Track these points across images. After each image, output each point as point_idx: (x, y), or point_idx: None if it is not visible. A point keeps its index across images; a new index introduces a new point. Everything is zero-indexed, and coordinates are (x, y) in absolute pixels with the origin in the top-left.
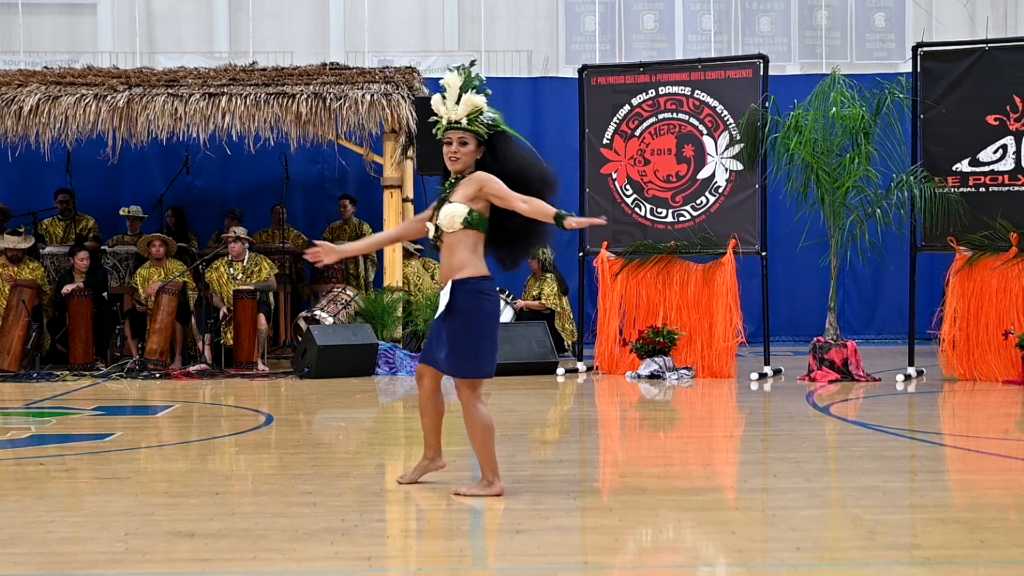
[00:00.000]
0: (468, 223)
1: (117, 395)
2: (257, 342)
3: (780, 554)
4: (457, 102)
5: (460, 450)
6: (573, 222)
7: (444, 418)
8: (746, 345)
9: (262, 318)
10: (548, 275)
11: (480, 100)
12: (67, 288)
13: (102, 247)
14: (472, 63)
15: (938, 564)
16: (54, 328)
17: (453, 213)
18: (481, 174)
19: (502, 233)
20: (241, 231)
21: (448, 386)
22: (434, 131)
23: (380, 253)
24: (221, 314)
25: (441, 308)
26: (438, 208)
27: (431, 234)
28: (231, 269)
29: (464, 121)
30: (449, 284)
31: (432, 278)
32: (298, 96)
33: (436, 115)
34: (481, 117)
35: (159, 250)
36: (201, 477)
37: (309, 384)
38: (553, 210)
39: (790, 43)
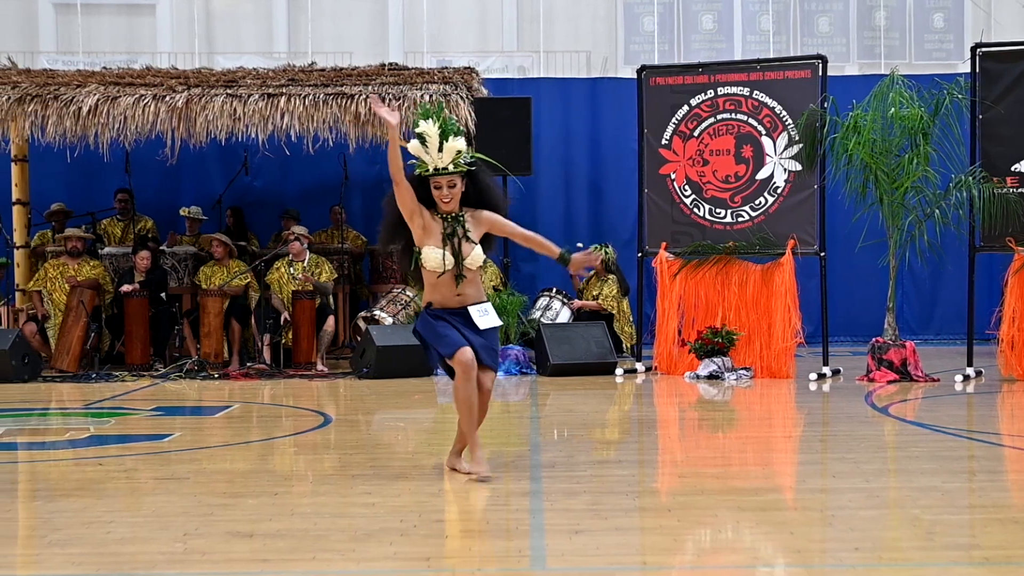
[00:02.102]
0: (484, 262)
1: (176, 396)
2: (318, 342)
3: (839, 554)
4: (440, 149)
5: (519, 450)
6: (577, 260)
7: (498, 420)
8: (805, 345)
9: (330, 320)
10: (610, 276)
11: (461, 144)
12: (125, 288)
13: (161, 247)
14: (440, 106)
15: (997, 564)
16: (114, 328)
17: (480, 254)
18: (490, 214)
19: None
20: (301, 230)
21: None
22: (417, 171)
23: None
24: (283, 319)
25: (494, 323)
26: (452, 243)
27: (448, 265)
28: (291, 269)
29: (451, 167)
30: (490, 303)
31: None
32: (357, 97)
33: (415, 159)
34: (463, 158)
35: (219, 250)
36: (260, 477)
37: (368, 384)
38: (558, 249)
39: (849, 43)
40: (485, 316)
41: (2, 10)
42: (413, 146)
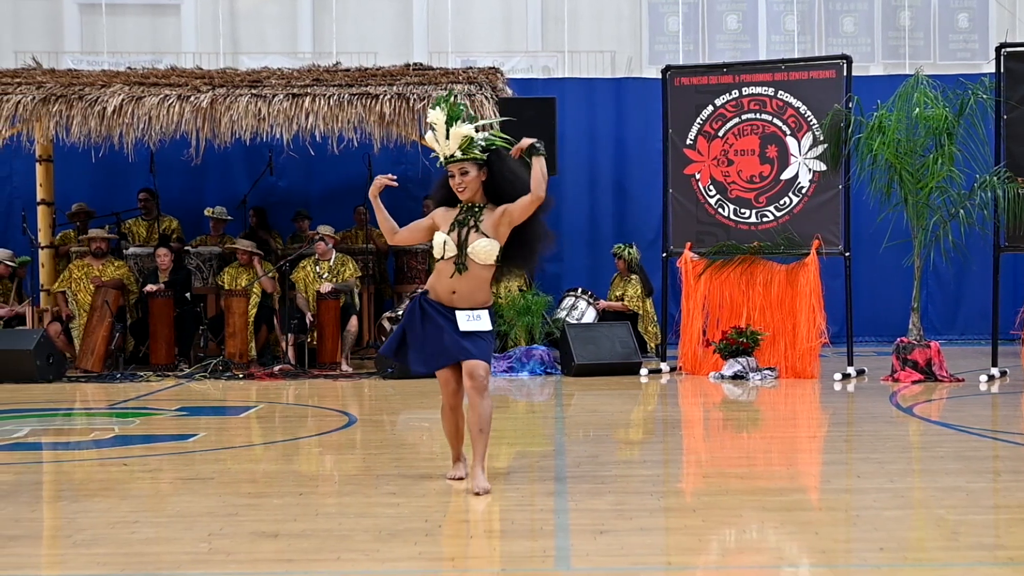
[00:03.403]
0: (497, 260)
1: (200, 396)
2: (342, 343)
3: (863, 554)
4: (447, 136)
5: (544, 450)
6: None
7: (522, 420)
8: (829, 345)
9: (353, 320)
10: (634, 276)
11: (467, 129)
12: (150, 288)
13: (185, 247)
14: (449, 93)
15: (1022, 564)
16: (138, 329)
17: (490, 249)
18: (502, 207)
19: (511, 251)
20: (327, 230)
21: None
22: (439, 164)
23: None
24: (308, 320)
25: (478, 327)
26: (460, 231)
27: (451, 256)
28: (317, 268)
29: (458, 153)
30: (486, 313)
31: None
32: (381, 97)
33: (433, 150)
34: (473, 143)
35: (244, 257)
36: (285, 477)
37: (392, 384)
38: (537, 172)
39: (873, 44)
40: (472, 321)
41: (27, 10)
42: (428, 137)
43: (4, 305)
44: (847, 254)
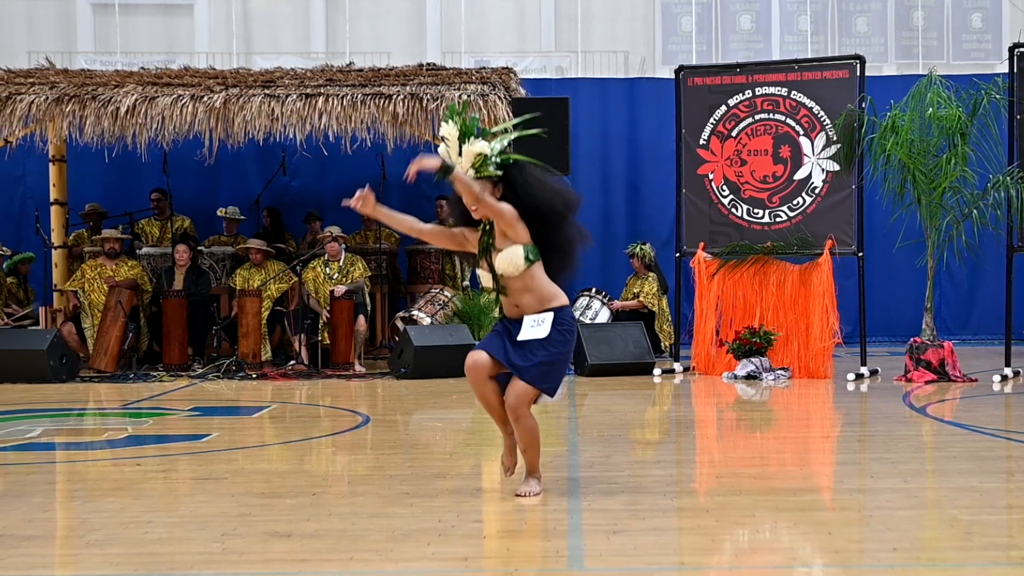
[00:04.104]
0: (530, 260)
1: (213, 396)
2: (354, 343)
3: (877, 554)
4: (460, 153)
5: (557, 450)
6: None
7: (541, 418)
8: (843, 346)
9: (361, 319)
10: (650, 274)
11: (480, 146)
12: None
13: (199, 247)
14: (464, 106)
15: None
16: (153, 325)
17: (512, 257)
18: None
19: (549, 260)
20: (336, 230)
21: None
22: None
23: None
24: (324, 318)
25: (541, 335)
26: (487, 257)
27: (488, 283)
28: (327, 269)
29: (471, 172)
30: (551, 314)
31: None
32: (395, 97)
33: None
34: (487, 161)
35: (257, 257)
36: (298, 478)
37: (406, 384)
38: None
39: (887, 44)
40: (533, 327)
41: (40, 11)
42: (441, 151)
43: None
44: (860, 254)
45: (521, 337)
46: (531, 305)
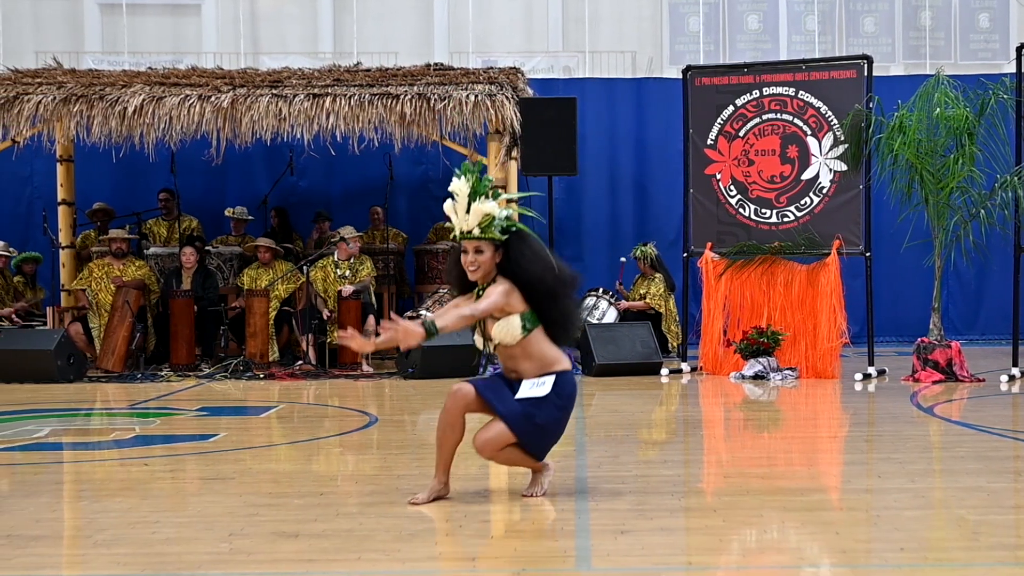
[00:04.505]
0: (527, 330)
1: (221, 396)
2: None
3: (884, 554)
4: (468, 211)
5: (564, 450)
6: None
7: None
8: (850, 346)
9: (371, 319)
10: (657, 275)
11: (491, 207)
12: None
13: (206, 247)
14: (477, 164)
15: None
16: (159, 326)
17: (509, 327)
18: (489, 289)
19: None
20: (350, 231)
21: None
22: (451, 236)
23: None
24: (325, 316)
25: (541, 394)
26: (479, 322)
27: (486, 348)
28: (337, 269)
29: (476, 231)
30: (552, 377)
31: None
32: (402, 97)
33: (449, 220)
34: (494, 223)
35: (265, 256)
36: (305, 478)
37: (413, 384)
38: (439, 320)
39: (894, 44)
40: (533, 388)
41: (48, 10)
42: (447, 206)
43: (8, 307)
44: (868, 254)
45: (520, 396)
46: (531, 371)
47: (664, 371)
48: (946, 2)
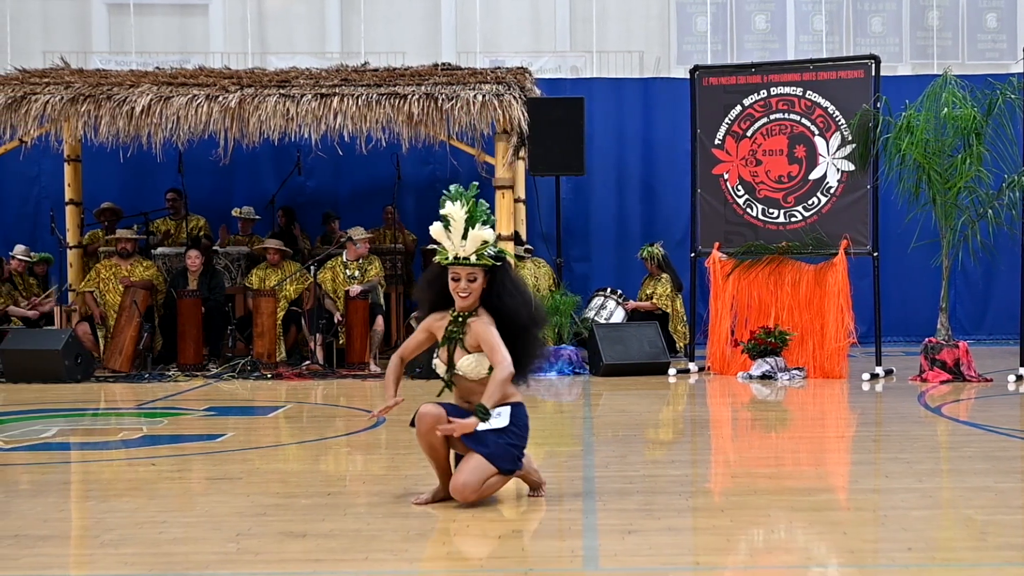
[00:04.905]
0: (491, 370)
1: (228, 396)
2: (370, 343)
3: (891, 554)
4: (464, 236)
5: (572, 450)
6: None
7: (550, 420)
8: (858, 345)
9: (379, 320)
10: (664, 275)
11: (488, 234)
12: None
13: (214, 247)
14: (472, 188)
15: None
16: (165, 327)
17: (478, 364)
18: (478, 328)
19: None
20: (359, 232)
21: None
22: (436, 259)
23: None
24: (337, 319)
25: (501, 424)
26: (449, 346)
27: (443, 373)
28: (346, 270)
29: (473, 258)
30: (508, 408)
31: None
32: (410, 97)
33: (437, 244)
34: (488, 251)
35: (274, 257)
36: (313, 478)
37: (420, 384)
38: (489, 401)
39: (902, 44)
40: (493, 419)
41: (56, 10)
42: (436, 230)
43: (23, 300)
44: (875, 254)
45: (480, 428)
46: (496, 398)
47: (672, 371)
48: (953, 2)
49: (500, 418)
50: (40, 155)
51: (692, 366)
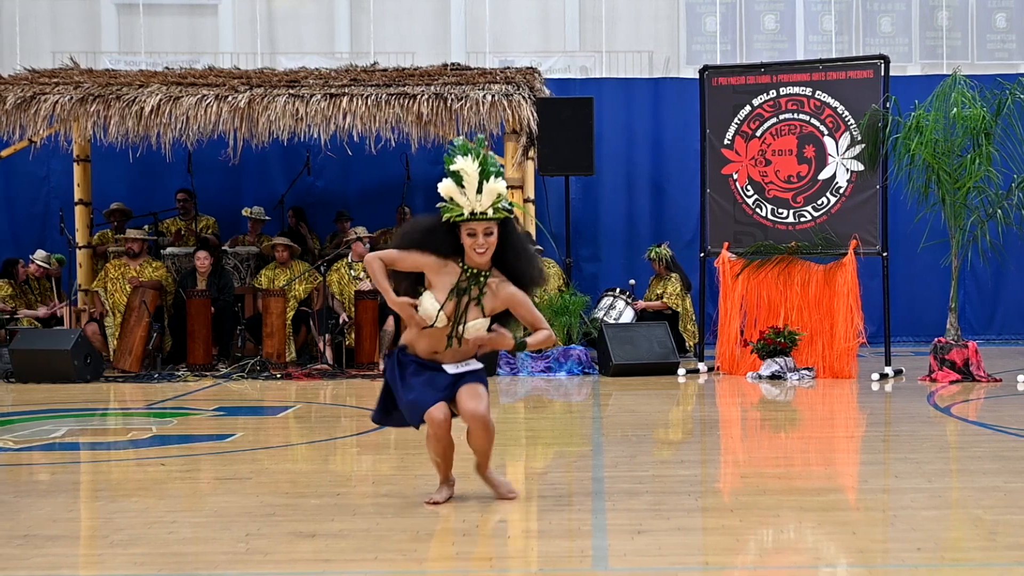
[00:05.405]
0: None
1: (238, 396)
2: (380, 342)
3: (901, 554)
4: (479, 191)
5: (581, 451)
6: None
7: (560, 420)
8: (867, 345)
9: (390, 320)
10: (672, 275)
11: (502, 186)
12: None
13: (223, 247)
14: (480, 142)
15: None
16: (174, 327)
17: (482, 328)
18: (514, 295)
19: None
20: (362, 231)
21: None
22: (447, 217)
23: None
24: (341, 320)
25: (477, 367)
26: (460, 301)
27: (439, 323)
28: (352, 271)
29: (490, 211)
30: (475, 362)
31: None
32: (419, 97)
33: (446, 202)
34: (502, 203)
35: (283, 254)
36: (322, 478)
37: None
38: (531, 342)
39: (911, 44)
40: (461, 367)
41: (65, 10)
42: (446, 186)
43: (42, 305)
44: (885, 254)
45: (455, 372)
46: (453, 357)
47: (681, 371)
48: (963, 2)
49: (470, 364)
50: (49, 155)
51: (702, 366)
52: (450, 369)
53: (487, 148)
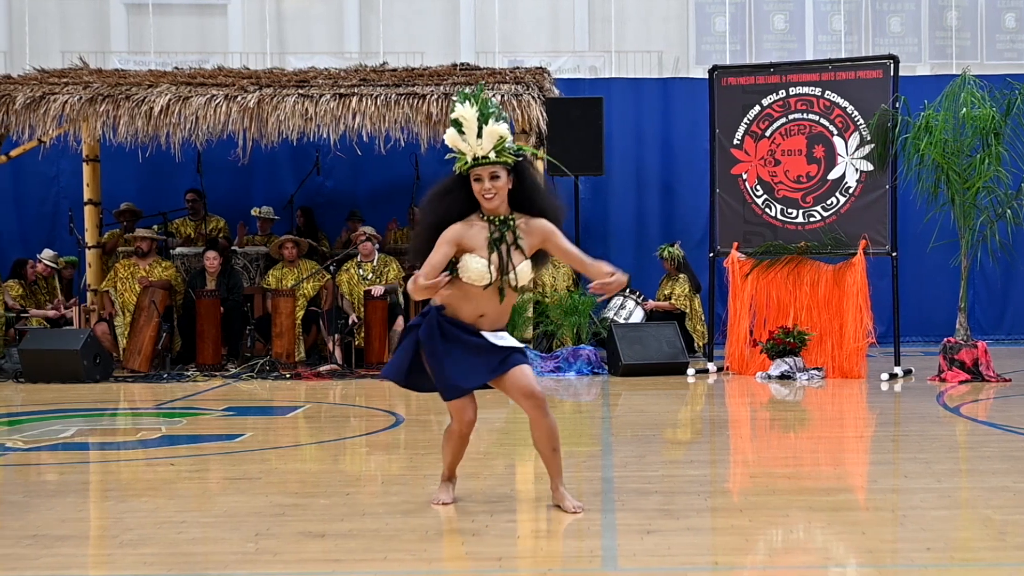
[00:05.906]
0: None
1: (247, 396)
2: (389, 343)
3: (910, 554)
4: (479, 135)
5: (591, 450)
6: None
7: (569, 420)
8: (876, 345)
9: (400, 320)
10: (681, 275)
11: (503, 128)
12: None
13: (232, 247)
14: (479, 88)
15: None
16: (183, 327)
17: (529, 271)
18: (545, 225)
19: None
20: (370, 230)
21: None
22: (456, 168)
23: None
24: (351, 320)
25: (515, 344)
26: (501, 249)
27: (490, 280)
28: (360, 270)
29: (492, 155)
30: (506, 335)
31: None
32: (428, 97)
33: (453, 152)
34: (506, 145)
35: (291, 252)
36: (331, 477)
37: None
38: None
39: (920, 44)
40: (502, 340)
41: (74, 10)
42: (450, 136)
43: (51, 305)
44: (894, 254)
45: (497, 342)
46: (497, 320)
47: (690, 371)
48: (972, 2)
49: (510, 339)
50: (59, 155)
51: (711, 366)
52: (490, 337)
53: (487, 94)
